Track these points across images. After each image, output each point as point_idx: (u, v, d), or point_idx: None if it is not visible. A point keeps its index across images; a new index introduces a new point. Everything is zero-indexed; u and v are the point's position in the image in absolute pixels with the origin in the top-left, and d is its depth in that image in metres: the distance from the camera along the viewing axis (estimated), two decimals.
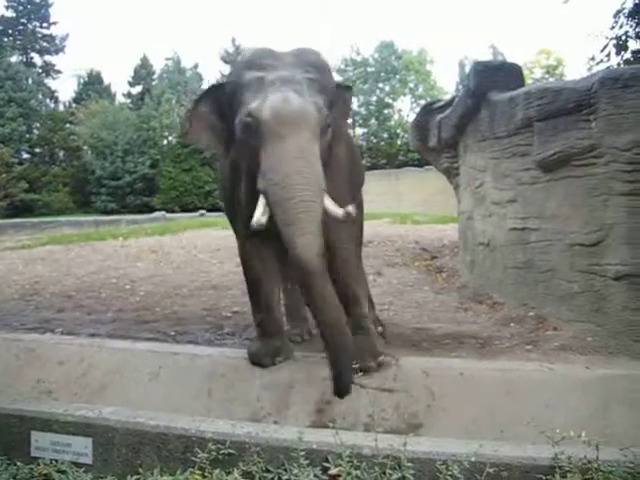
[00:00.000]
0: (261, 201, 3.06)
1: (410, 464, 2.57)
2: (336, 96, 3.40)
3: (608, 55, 8.73)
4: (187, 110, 3.52)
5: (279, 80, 3.08)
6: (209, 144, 3.50)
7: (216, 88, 3.46)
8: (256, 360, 3.75)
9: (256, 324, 3.96)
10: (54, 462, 2.98)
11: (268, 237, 3.48)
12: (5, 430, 3.18)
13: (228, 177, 3.75)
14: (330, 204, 3.10)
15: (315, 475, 2.64)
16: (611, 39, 8.67)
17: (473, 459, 2.54)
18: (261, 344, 3.84)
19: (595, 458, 2.47)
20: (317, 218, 2.97)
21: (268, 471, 2.72)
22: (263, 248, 3.71)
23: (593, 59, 9.30)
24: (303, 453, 2.68)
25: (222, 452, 2.77)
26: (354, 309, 3.75)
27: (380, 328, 4.23)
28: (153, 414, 3.13)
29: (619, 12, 8.72)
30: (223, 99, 3.32)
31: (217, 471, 2.72)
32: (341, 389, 3.18)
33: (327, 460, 2.68)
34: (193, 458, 2.78)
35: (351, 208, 3.05)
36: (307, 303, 3.17)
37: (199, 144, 3.45)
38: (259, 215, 3.03)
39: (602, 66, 8.75)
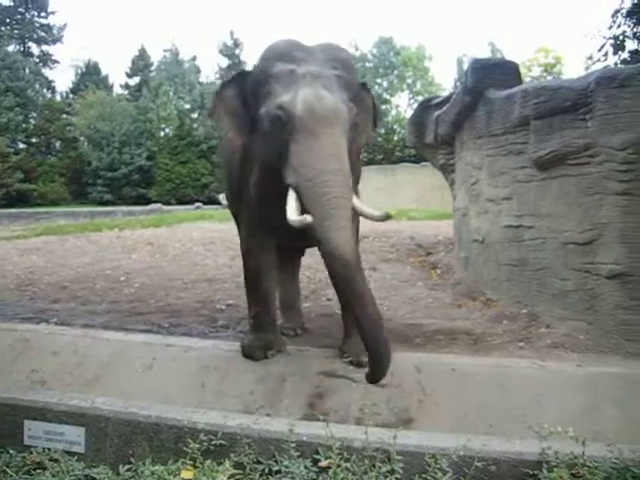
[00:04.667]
0: (292, 196, 3.07)
1: (400, 457, 2.59)
2: (359, 94, 3.41)
3: (606, 54, 8.75)
4: (214, 92, 3.52)
5: (310, 75, 3.09)
6: (227, 130, 3.44)
7: (243, 75, 3.46)
8: (248, 353, 3.77)
9: (251, 317, 3.98)
10: (47, 451, 2.98)
11: (274, 230, 3.55)
12: None
13: (237, 166, 3.75)
14: (360, 204, 3.18)
15: (305, 467, 2.65)
16: (609, 39, 8.69)
17: (461, 453, 2.56)
18: (254, 337, 3.86)
19: (582, 453, 2.49)
20: (349, 214, 3.01)
21: (259, 462, 2.74)
22: (267, 241, 3.74)
23: (591, 58, 9.34)
24: (294, 445, 2.70)
25: (214, 443, 2.79)
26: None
27: None
28: (146, 404, 3.14)
29: (617, 12, 8.73)
30: (248, 87, 3.33)
31: (208, 462, 2.73)
32: (378, 377, 3.21)
33: (317, 452, 2.70)
34: (185, 448, 2.79)
35: (389, 212, 3.12)
36: (342, 297, 3.13)
37: (219, 127, 3.45)
38: (294, 210, 3.03)
39: (599, 65, 8.77)
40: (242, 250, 3.98)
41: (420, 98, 33.62)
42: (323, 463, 2.67)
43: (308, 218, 2.94)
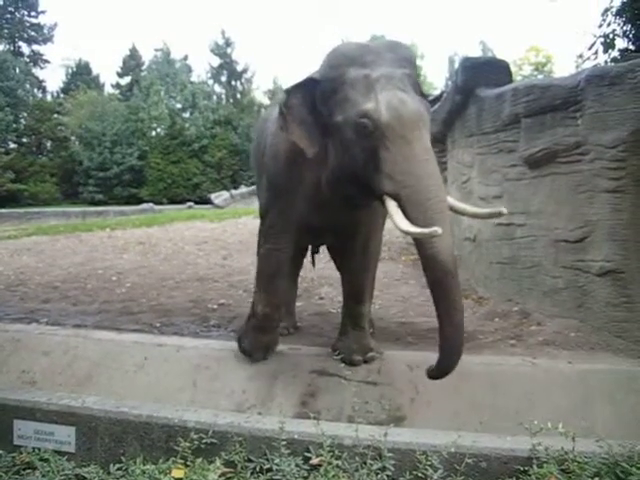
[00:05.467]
0: (392, 205, 2.95)
1: (391, 454, 2.60)
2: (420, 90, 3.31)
3: (596, 53, 8.75)
4: (281, 102, 3.41)
5: (384, 78, 3.01)
6: (298, 139, 3.29)
7: (312, 82, 3.29)
8: (248, 353, 3.75)
9: (256, 317, 3.82)
10: (37, 450, 2.98)
11: (308, 232, 3.61)
12: None
13: (286, 169, 3.59)
14: (456, 202, 3.14)
15: (297, 465, 2.66)
16: (599, 37, 8.68)
17: (452, 450, 2.57)
18: (255, 338, 3.79)
19: (572, 449, 2.50)
20: (449, 218, 2.94)
21: (250, 461, 2.74)
22: (293, 243, 3.68)
23: (581, 57, 9.33)
24: (285, 443, 2.70)
25: (204, 441, 2.79)
26: (356, 306, 3.80)
27: (371, 329, 4.19)
28: (136, 404, 3.13)
29: (607, 10, 8.73)
30: (318, 94, 3.21)
31: (199, 460, 2.73)
32: (439, 376, 3.06)
33: (308, 450, 2.70)
34: (176, 447, 2.79)
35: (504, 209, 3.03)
36: (437, 301, 3.07)
37: (290, 137, 3.34)
38: (403, 219, 2.90)
39: (590, 64, 8.76)
40: (263, 249, 3.82)
41: None
42: (314, 461, 2.67)
43: (412, 229, 2.85)
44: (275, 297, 3.77)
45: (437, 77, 53.07)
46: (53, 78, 74.33)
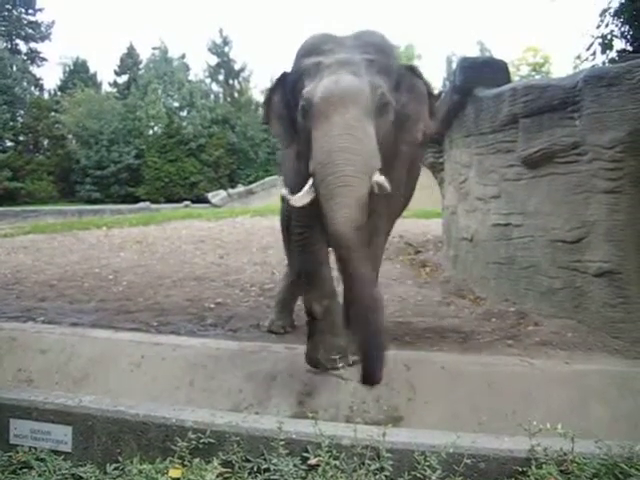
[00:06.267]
0: (309, 182, 2.95)
1: (389, 455, 2.59)
2: (402, 78, 3.24)
3: (594, 54, 8.78)
4: (264, 99, 3.49)
5: (336, 63, 3.01)
6: (278, 133, 3.39)
7: (282, 77, 3.37)
8: (329, 366, 3.51)
9: (317, 317, 3.58)
10: (33, 450, 2.96)
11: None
12: None
13: (291, 167, 3.61)
14: (380, 179, 2.89)
15: (294, 465, 2.64)
16: (597, 38, 8.72)
17: (451, 450, 2.56)
18: (328, 347, 3.53)
19: (571, 450, 2.50)
20: (357, 193, 2.82)
21: (248, 460, 2.72)
22: (320, 237, 3.48)
23: (579, 57, 9.36)
24: (283, 443, 2.68)
25: (202, 441, 2.77)
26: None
27: None
28: (133, 403, 3.12)
29: (605, 11, 8.76)
30: (287, 88, 3.27)
31: (197, 460, 2.72)
32: (370, 377, 2.98)
33: (306, 450, 2.69)
34: (173, 447, 2.77)
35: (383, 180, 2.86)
36: (341, 277, 2.92)
37: (273, 133, 3.40)
38: (300, 194, 2.93)
39: (588, 65, 8.79)
40: (295, 246, 3.70)
41: None
42: (312, 461, 2.66)
43: (303, 199, 2.87)
44: (324, 287, 3.58)
45: (434, 77, 53.05)
46: (50, 76, 73.92)
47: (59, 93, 40.69)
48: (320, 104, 2.90)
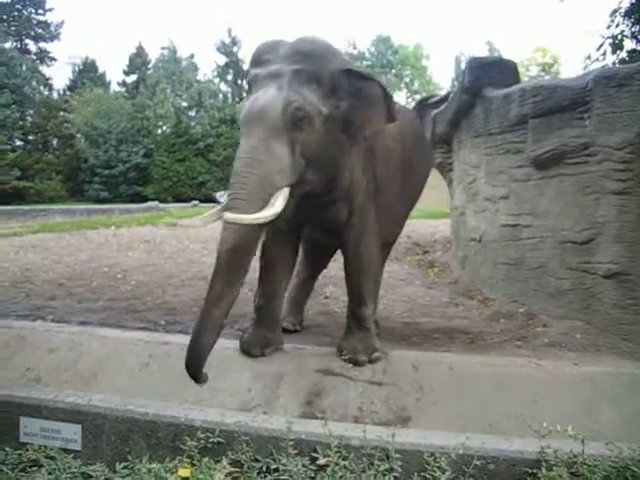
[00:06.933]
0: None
1: (398, 455, 2.59)
2: (340, 83, 3.17)
3: (604, 54, 8.73)
4: None
5: (268, 76, 3.13)
6: None
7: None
8: (246, 349, 3.77)
9: (254, 310, 3.94)
10: (43, 448, 2.98)
11: (290, 229, 3.67)
12: None
13: None
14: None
15: (303, 465, 2.65)
16: (607, 38, 8.67)
17: (460, 451, 2.56)
18: (253, 333, 3.84)
19: (581, 452, 2.49)
20: (242, 214, 2.93)
21: (257, 460, 2.73)
22: (285, 239, 3.77)
23: (589, 58, 9.30)
24: (292, 443, 2.69)
25: (211, 441, 2.78)
26: (357, 308, 3.78)
27: (376, 330, 4.16)
28: (143, 402, 3.13)
29: (615, 11, 8.72)
30: None
31: (206, 459, 2.73)
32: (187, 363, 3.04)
33: (316, 450, 2.70)
34: (182, 446, 2.78)
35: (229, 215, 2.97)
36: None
37: None
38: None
39: (598, 65, 8.75)
40: (262, 243, 3.79)
41: (418, 97, 33.66)
42: (321, 461, 2.67)
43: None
44: (266, 289, 3.85)
45: (443, 77, 53.01)
46: (60, 76, 74.15)
47: (68, 93, 40.85)
48: (240, 124, 3.15)
